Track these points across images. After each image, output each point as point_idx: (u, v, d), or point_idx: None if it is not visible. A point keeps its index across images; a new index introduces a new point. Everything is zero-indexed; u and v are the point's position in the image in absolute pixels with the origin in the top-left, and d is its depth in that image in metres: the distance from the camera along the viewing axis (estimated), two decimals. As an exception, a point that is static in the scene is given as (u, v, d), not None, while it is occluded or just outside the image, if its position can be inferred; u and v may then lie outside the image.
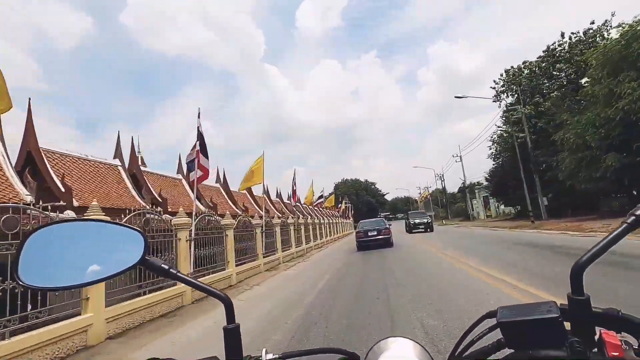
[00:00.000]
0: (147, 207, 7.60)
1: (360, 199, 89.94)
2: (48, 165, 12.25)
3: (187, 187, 21.14)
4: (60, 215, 5.72)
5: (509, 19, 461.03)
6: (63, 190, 11.55)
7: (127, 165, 17.30)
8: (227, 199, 25.83)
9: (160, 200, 15.74)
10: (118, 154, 17.42)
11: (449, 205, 58.93)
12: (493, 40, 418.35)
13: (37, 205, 4.66)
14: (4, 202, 4.88)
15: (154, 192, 16.71)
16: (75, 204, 11.41)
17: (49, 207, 4.76)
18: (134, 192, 16.07)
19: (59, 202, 9.16)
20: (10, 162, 11.40)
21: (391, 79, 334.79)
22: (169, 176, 21.63)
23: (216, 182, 26.28)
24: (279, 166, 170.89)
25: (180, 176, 22.17)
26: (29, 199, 9.68)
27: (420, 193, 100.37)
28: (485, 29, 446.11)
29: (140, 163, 18.58)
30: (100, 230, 0.64)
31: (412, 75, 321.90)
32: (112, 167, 16.60)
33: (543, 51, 28.16)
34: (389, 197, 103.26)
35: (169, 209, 13.76)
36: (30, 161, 11.97)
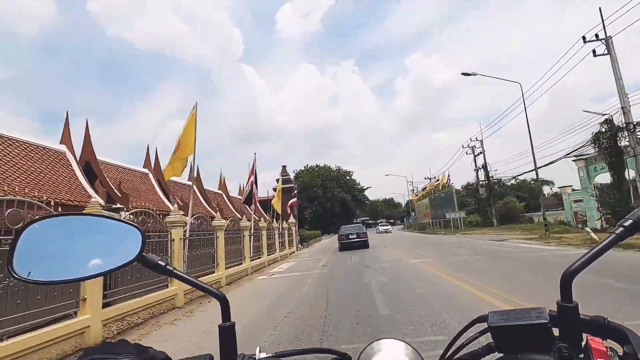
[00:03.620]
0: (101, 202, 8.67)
1: (328, 194, 62.91)
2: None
3: (154, 181, 18.69)
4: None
5: (484, 39, 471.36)
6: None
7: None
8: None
9: (120, 195, 13.67)
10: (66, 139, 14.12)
11: (493, 200, 32.90)
12: (467, 56, 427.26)
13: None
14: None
15: (112, 186, 14.24)
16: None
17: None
18: (86, 185, 13.36)
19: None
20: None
21: (369, 87, 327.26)
22: (134, 169, 18.31)
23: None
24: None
25: (147, 170, 18.96)
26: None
27: (413, 190, 75.09)
28: (459, 46, 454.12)
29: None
30: (98, 225, 0.64)
31: (389, 84, 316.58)
32: (58, 154, 13.65)
33: None
34: (369, 194, 76.31)
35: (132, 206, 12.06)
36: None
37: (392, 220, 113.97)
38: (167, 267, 0.63)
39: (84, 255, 0.60)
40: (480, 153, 34.43)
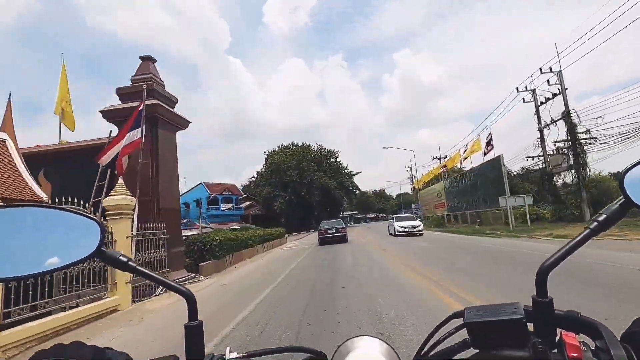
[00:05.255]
0: None
1: (306, 179, 48.02)
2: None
3: (14, 151, 9.23)
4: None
5: (470, 39, 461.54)
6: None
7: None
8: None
9: None
10: None
11: (584, 180, 18.26)
12: (453, 56, 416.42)
13: None
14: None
15: None
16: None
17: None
18: None
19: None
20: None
21: (357, 83, 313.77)
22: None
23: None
24: (238, 164, 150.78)
25: (5, 136, 9.49)
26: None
27: (412, 177, 60.58)
28: (446, 45, 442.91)
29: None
30: (50, 218, 0.59)
31: (378, 80, 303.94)
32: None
33: None
34: (359, 182, 61.41)
35: None
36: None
37: (384, 215, 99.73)
38: (130, 263, 0.59)
39: (34, 250, 0.54)
40: (556, 95, 19.88)
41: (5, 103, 8.87)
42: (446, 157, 42.75)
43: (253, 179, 56.32)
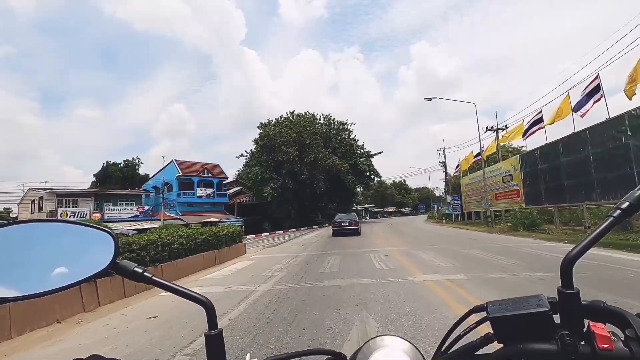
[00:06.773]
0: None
1: (308, 157, 35.42)
2: None
3: None
4: None
5: (487, 32, 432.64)
6: None
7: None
8: None
9: None
10: None
11: None
12: (470, 49, 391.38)
13: None
14: None
15: None
16: None
17: None
18: None
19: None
20: None
21: (372, 75, 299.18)
22: None
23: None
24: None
25: None
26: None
27: (444, 163, 47.28)
28: (462, 39, 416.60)
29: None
30: (65, 232, 0.60)
31: (393, 73, 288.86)
32: None
33: None
34: (378, 168, 48.32)
35: None
36: None
37: (405, 209, 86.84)
38: (145, 274, 0.58)
39: (50, 265, 0.54)
40: None
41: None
42: (506, 127, 29.76)
43: (244, 157, 43.90)
